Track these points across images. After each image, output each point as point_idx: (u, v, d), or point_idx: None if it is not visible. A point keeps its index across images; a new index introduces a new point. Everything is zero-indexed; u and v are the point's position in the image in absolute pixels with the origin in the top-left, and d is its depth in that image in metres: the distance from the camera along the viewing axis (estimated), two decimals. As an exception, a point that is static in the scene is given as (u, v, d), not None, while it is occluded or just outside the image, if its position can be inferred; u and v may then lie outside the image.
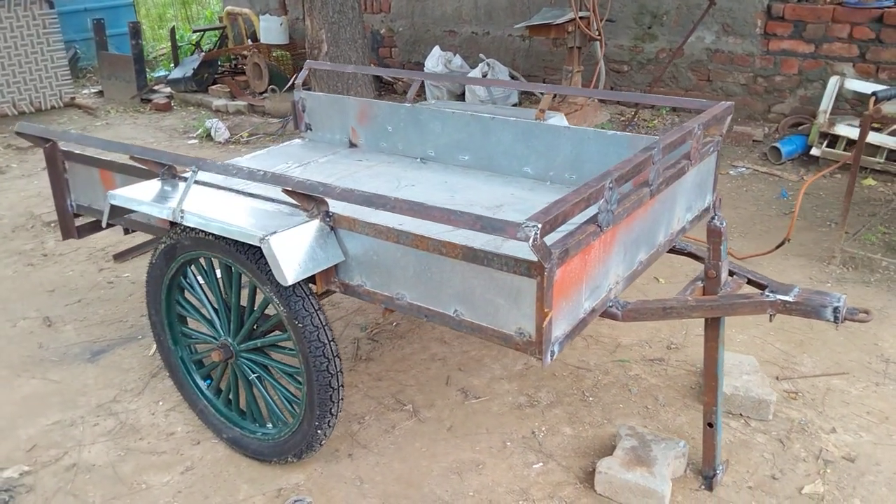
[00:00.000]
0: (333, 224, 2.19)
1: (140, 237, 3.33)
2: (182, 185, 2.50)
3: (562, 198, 1.83)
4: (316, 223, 2.17)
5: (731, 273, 2.36)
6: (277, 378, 2.53)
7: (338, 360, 2.30)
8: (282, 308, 2.25)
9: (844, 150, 5.34)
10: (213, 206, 2.29)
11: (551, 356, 1.91)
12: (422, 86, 7.84)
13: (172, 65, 8.94)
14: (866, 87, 5.25)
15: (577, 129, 3.13)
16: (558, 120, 3.45)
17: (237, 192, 2.48)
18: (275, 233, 2.06)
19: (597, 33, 5.85)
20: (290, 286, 2.23)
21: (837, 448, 2.67)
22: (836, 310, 2.05)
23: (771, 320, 2.21)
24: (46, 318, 3.74)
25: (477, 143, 3.42)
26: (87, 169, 2.92)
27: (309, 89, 7.46)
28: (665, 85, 6.45)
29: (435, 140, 3.56)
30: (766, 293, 2.15)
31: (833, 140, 5.40)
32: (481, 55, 7.14)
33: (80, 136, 2.66)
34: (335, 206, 2.19)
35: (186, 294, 2.66)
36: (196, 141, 7.01)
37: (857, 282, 3.87)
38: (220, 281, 2.50)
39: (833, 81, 5.31)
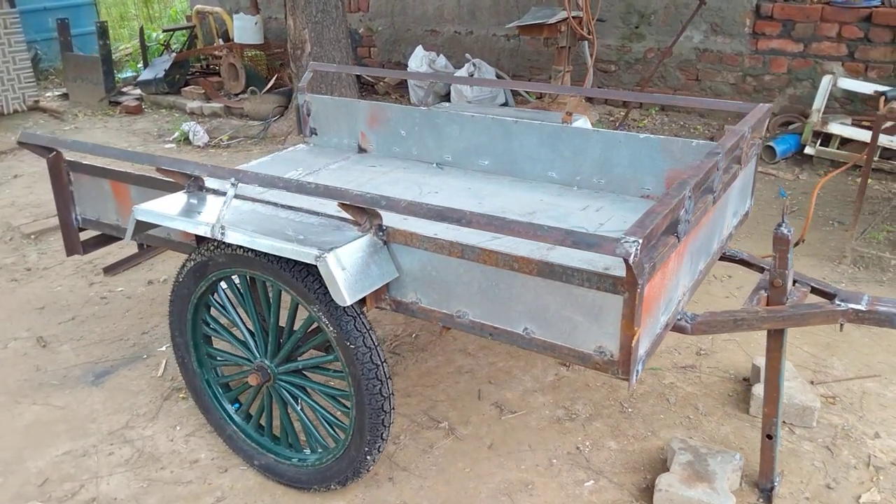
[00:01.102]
0: (387, 238, 2.06)
1: (129, 248, 3.14)
2: (212, 198, 2.34)
3: (651, 210, 1.73)
4: (369, 238, 2.04)
5: (793, 282, 2.30)
6: (318, 401, 2.38)
7: (390, 383, 2.17)
8: (331, 328, 2.11)
9: (838, 148, 5.38)
10: (250, 221, 2.14)
11: (635, 376, 1.81)
12: (402, 85, 7.72)
13: (141, 65, 8.62)
14: (859, 86, 5.30)
15: (606, 133, 3.04)
16: (583, 123, 3.37)
17: (270, 203, 2.32)
18: (332, 250, 1.92)
19: (588, 33, 5.79)
20: (339, 305, 2.09)
21: (885, 454, 2.63)
22: (911, 318, 1.99)
23: (841, 329, 2.15)
24: (40, 337, 3.51)
25: (498, 147, 3.31)
26: (96, 181, 2.72)
27: (288, 89, 7.25)
28: (654, 85, 6.43)
29: (453, 145, 3.44)
30: (838, 302, 2.09)
31: (826, 138, 5.44)
32: (467, 55, 7.04)
33: (95, 146, 2.47)
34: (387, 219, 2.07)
35: (215, 314, 2.49)
36: (173, 145, 6.74)
37: (870, 281, 3.88)
38: (256, 299, 2.35)
39: (826, 80, 5.34)
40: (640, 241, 1.57)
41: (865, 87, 5.27)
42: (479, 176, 3.33)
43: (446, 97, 7.24)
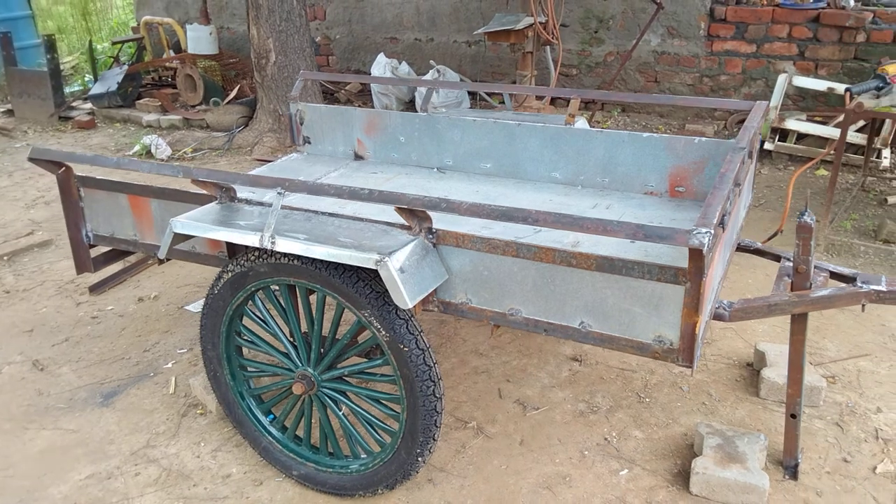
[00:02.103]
0: (436, 241, 2.10)
1: (113, 265, 3.06)
2: (247, 208, 2.33)
3: (708, 202, 1.82)
4: (420, 241, 2.07)
5: (811, 267, 2.43)
6: (363, 406, 2.39)
7: (442, 384, 2.20)
8: (383, 332, 2.13)
9: (795, 143, 5.66)
10: (297, 229, 2.14)
11: (696, 362, 1.90)
12: (364, 93, 7.73)
13: (89, 79, 8.37)
14: (814, 83, 5.59)
15: (610, 133, 3.14)
16: (582, 124, 3.46)
17: (305, 210, 2.32)
18: (391, 254, 1.95)
19: (554, 38, 5.93)
20: (391, 309, 2.11)
21: (889, 426, 2.80)
22: (929, 296, 2.15)
23: (863, 310, 2.29)
24: (35, 361, 3.39)
25: (501, 150, 3.38)
26: (110, 195, 2.66)
27: (251, 99, 7.12)
28: (615, 87, 6.62)
29: (454, 149, 3.49)
30: (859, 284, 2.23)
31: (783, 134, 5.71)
32: (431, 62, 7.09)
33: (121, 160, 2.42)
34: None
35: (250, 325, 2.47)
36: (134, 159, 6.57)
37: (843, 266, 4.10)
38: (296, 308, 2.34)
39: (782, 79, 5.61)
40: (712, 231, 1.65)
41: (819, 85, 5.56)
42: (482, 179, 3.39)
43: (410, 104, 7.28)
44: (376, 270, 2.04)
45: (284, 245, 2.06)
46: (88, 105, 7.90)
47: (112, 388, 3.18)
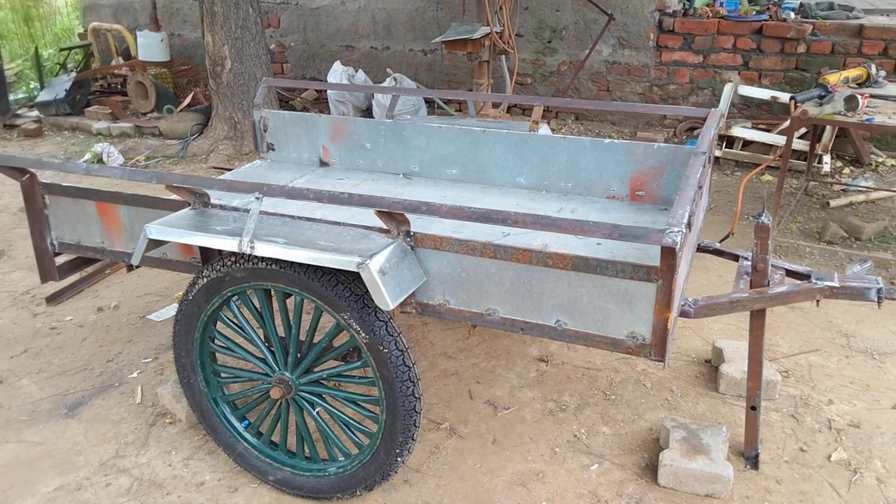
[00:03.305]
0: (414, 243, 2.14)
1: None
2: (222, 213, 2.33)
3: (678, 203, 1.91)
4: (399, 243, 2.11)
5: (768, 265, 2.55)
6: (341, 409, 2.42)
7: (420, 384, 2.24)
8: (363, 334, 2.16)
9: (741, 150, 5.88)
10: (275, 233, 2.16)
11: (668, 356, 1.98)
12: (320, 101, 7.72)
13: (34, 86, 8.15)
14: (758, 92, 5.82)
15: (573, 139, 3.24)
16: (545, 131, 3.55)
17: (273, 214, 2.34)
18: (372, 256, 1.98)
19: (510, 47, 6.05)
20: (371, 311, 2.15)
21: (841, 417, 2.95)
22: (879, 291, 2.29)
23: (818, 305, 2.42)
24: (-7, 373, 3.30)
25: (466, 156, 3.44)
26: (77, 202, 2.63)
27: (205, 107, 7.03)
28: (569, 96, 6.77)
29: (420, 155, 3.54)
30: (814, 280, 2.36)
31: (730, 141, 5.93)
32: (388, 70, 7.14)
33: (91, 166, 2.39)
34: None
35: (225, 330, 2.47)
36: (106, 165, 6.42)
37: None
38: (270, 311, 2.36)
39: (728, 88, 5.83)
40: (684, 231, 1.74)
41: (763, 94, 5.79)
42: (448, 185, 3.45)
43: (367, 111, 7.31)
44: (356, 273, 2.07)
45: (264, 249, 2.08)
46: (35, 113, 7.70)
47: (76, 398, 3.12)
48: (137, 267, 2.56)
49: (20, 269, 4.38)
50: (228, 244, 2.11)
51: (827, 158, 5.64)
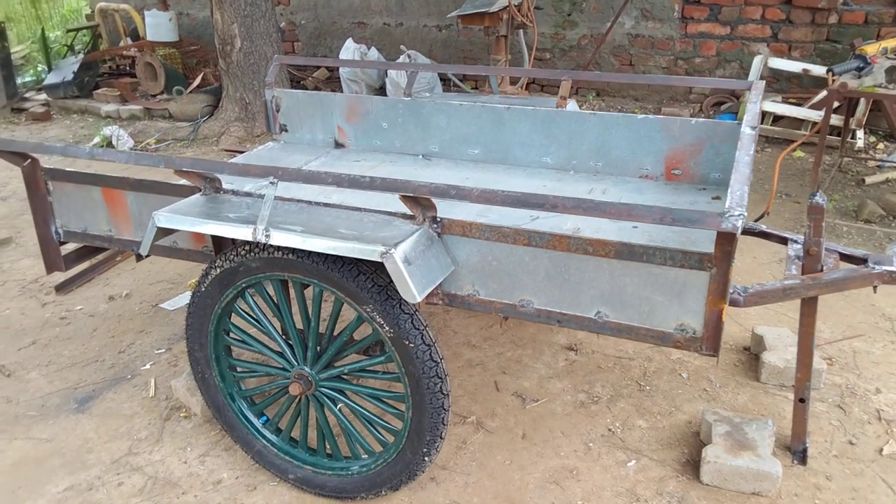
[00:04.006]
0: (441, 230, 1.98)
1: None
2: (235, 199, 2.18)
3: (735, 183, 1.75)
4: (424, 230, 1.96)
5: (820, 249, 2.38)
6: (364, 405, 2.28)
7: (448, 380, 2.10)
8: (387, 328, 2.01)
9: (771, 125, 5.66)
10: (292, 220, 2.01)
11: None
12: (332, 80, 7.54)
13: (42, 69, 8.02)
14: (789, 65, 5.59)
15: (603, 115, 3.06)
16: (573, 107, 3.37)
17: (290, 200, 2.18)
18: (397, 245, 1.83)
19: (528, 20, 5.83)
20: (395, 303, 2.00)
21: (890, 407, 2.78)
22: (943, 276, 2.11)
23: (875, 291, 2.25)
24: (1, 366, 3.19)
25: (489, 135, 3.27)
26: (82, 189, 2.49)
27: (215, 87, 6.88)
28: (590, 70, 6.55)
29: (440, 135, 3.37)
30: (872, 265, 2.18)
31: (760, 116, 5.70)
32: (402, 47, 6.94)
33: (95, 150, 2.24)
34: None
35: (241, 323, 2.33)
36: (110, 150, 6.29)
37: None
38: (290, 304, 2.21)
39: (758, 60, 5.60)
40: (745, 214, 1.57)
41: (794, 66, 5.56)
42: (470, 166, 3.28)
43: (381, 90, 7.12)
44: (378, 263, 1.92)
45: (280, 238, 1.93)
46: (43, 96, 7.58)
47: (87, 392, 3.00)
48: (147, 256, 2.42)
49: (29, 257, 4.26)
50: (242, 233, 1.96)
51: (860, 134, 5.42)
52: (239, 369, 2.42)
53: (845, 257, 2.36)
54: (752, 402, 2.83)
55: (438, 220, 1.97)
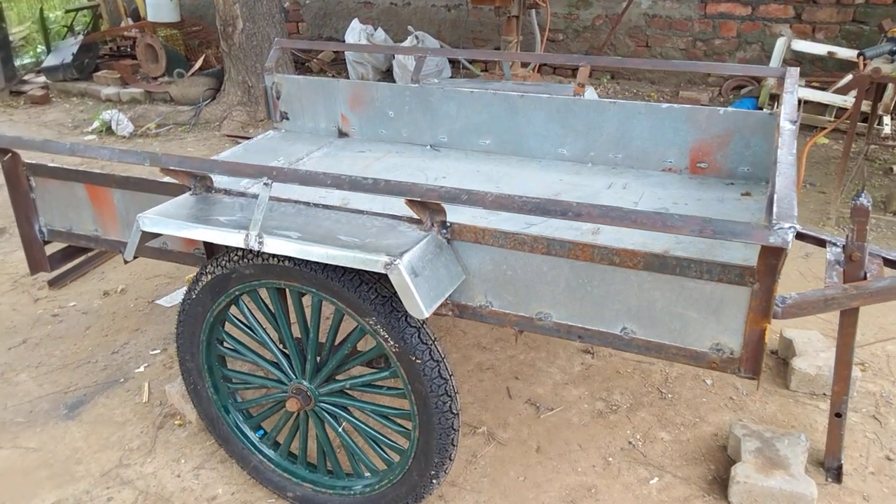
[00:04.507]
0: (451, 236, 1.81)
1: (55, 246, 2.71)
2: (227, 200, 2.01)
3: (782, 189, 1.56)
4: (433, 237, 1.78)
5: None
6: (367, 423, 2.12)
7: (458, 398, 1.93)
8: (392, 342, 1.84)
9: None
10: (287, 225, 1.83)
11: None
12: (338, 62, 7.34)
13: (41, 50, 7.83)
14: (813, 47, 5.34)
15: (624, 104, 2.86)
16: (591, 94, 3.18)
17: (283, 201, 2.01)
18: (402, 255, 1.65)
19: (541, 0, 5.61)
20: (401, 316, 1.83)
21: (930, 419, 2.61)
22: None
23: (925, 302, 2.06)
24: (-11, 367, 3.05)
25: (502, 124, 3.08)
26: (66, 185, 2.32)
27: (217, 70, 6.68)
28: (604, 53, 6.32)
29: (449, 124, 3.18)
30: (923, 273, 1.99)
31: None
32: (410, 27, 6.71)
33: (76, 145, 2.07)
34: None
35: (234, 332, 2.16)
36: (94, 137, 6.14)
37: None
38: (287, 314, 2.04)
39: (781, 42, 5.36)
40: (798, 226, 1.39)
41: (819, 49, 5.31)
42: (481, 157, 3.09)
43: (388, 73, 6.91)
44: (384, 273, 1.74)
45: (274, 245, 1.75)
46: (42, 78, 7.40)
47: (77, 397, 2.85)
48: (135, 258, 2.26)
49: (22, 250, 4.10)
50: (233, 239, 1.79)
51: (887, 120, 5.18)
52: (234, 380, 2.26)
53: (889, 262, 2.17)
54: (781, 412, 2.66)
55: (448, 224, 1.80)
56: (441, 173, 2.91)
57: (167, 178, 2.11)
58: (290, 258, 1.86)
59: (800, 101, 5.39)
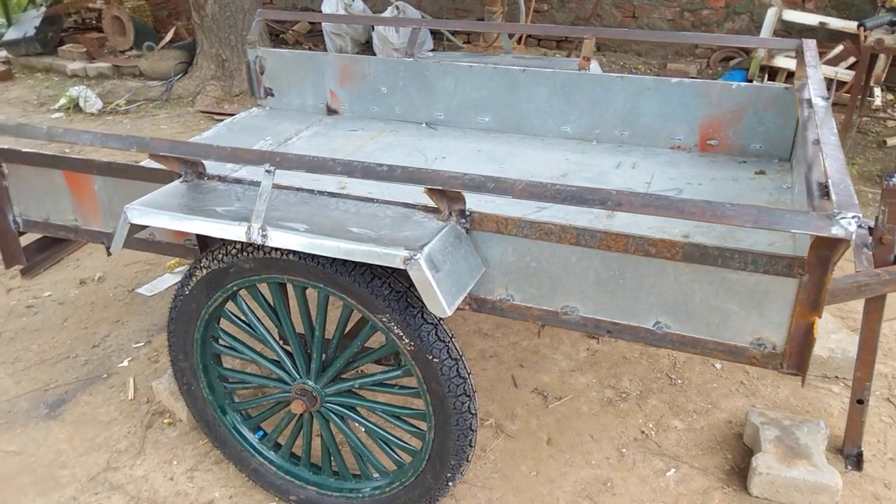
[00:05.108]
0: (471, 225, 1.68)
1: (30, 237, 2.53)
2: (221, 187, 1.85)
3: (835, 176, 1.45)
4: (451, 227, 1.65)
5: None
6: (378, 423, 1.99)
7: (476, 397, 1.81)
8: (407, 340, 1.71)
9: (785, 81, 5.35)
10: (291, 216, 1.69)
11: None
12: (315, 34, 7.09)
13: (2, 22, 7.46)
14: (805, 17, 5.25)
15: (632, 79, 2.74)
16: (596, 68, 3.05)
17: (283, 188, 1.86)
18: (423, 248, 1.52)
19: (527, -30, 5.44)
20: (417, 312, 1.70)
21: (944, 400, 2.56)
22: None
23: (956, 286, 1.98)
24: (-39, 365, 2.87)
25: (502, 101, 2.94)
26: (43, 172, 2.14)
27: (189, 43, 6.40)
28: (590, 24, 6.16)
29: (446, 101, 3.03)
30: (956, 257, 1.91)
31: (772, 73, 5.40)
32: (389, -2, 6.49)
33: (54, 130, 1.88)
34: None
35: (232, 330, 2.02)
36: (61, 114, 5.86)
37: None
38: (288, 310, 1.90)
39: (772, 12, 5.25)
40: (860, 215, 1.28)
41: (810, 19, 5.22)
42: (481, 136, 2.95)
43: (367, 45, 6.69)
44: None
45: (280, 239, 1.61)
46: (3, 53, 7.05)
47: (58, 395, 2.69)
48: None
49: (-9, 235, 3.88)
50: (234, 232, 1.64)
51: (878, 91, 5.14)
52: (230, 379, 2.11)
53: (919, 245, 2.08)
54: (794, 396, 2.59)
55: (468, 213, 1.66)
56: (440, 153, 2.77)
57: (146, 162, 1.94)
58: (294, 252, 1.71)
59: (791, 73, 5.32)
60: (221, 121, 5.39)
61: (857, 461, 2.28)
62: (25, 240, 2.37)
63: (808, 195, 1.69)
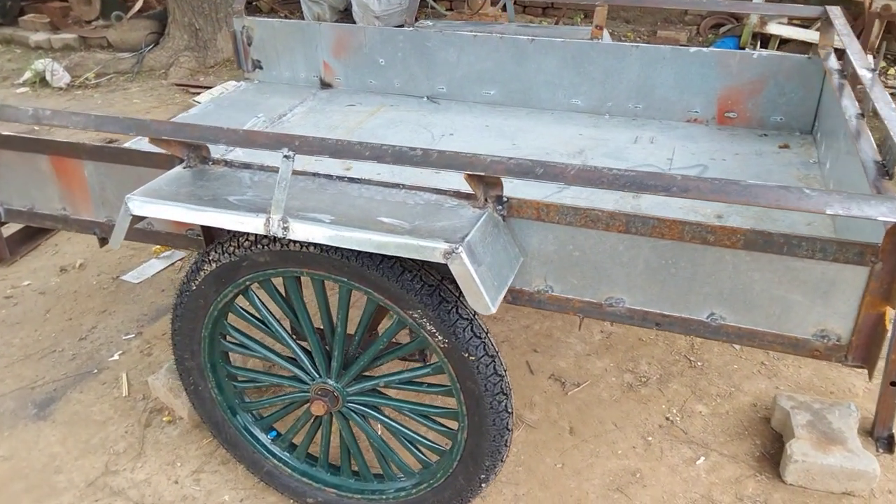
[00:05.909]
0: (508, 212, 1.55)
1: (12, 227, 2.34)
2: (229, 173, 1.70)
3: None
4: (489, 215, 1.52)
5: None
6: (406, 423, 1.88)
7: (512, 395, 1.70)
8: (440, 337, 1.59)
9: (777, 49, 5.26)
10: (312, 205, 1.54)
11: (869, 361, 1.46)
12: (291, 2, 6.82)
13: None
14: (799, -18, 5.14)
15: (648, 48, 2.61)
16: (606, 38, 2.90)
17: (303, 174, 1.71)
18: (463, 240, 1.39)
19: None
20: (451, 307, 1.57)
21: (966, 377, 2.51)
22: None
23: None
24: (-62, 363, 2.68)
25: (508, 72, 2.80)
26: (25, 157, 1.95)
27: (159, 12, 6.07)
28: (576, -11, 6.00)
29: (449, 73, 2.88)
30: None
31: (765, 40, 5.30)
32: (370, -37, 6.22)
33: (41, 112, 1.70)
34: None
35: (241, 326, 1.88)
36: (26, 89, 5.56)
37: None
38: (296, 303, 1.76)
39: (766, -22, 5.14)
40: (955, 202, 1.18)
41: (803, -16, 5.12)
42: (486, 110, 2.81)
43: (346, 13, 6.45)
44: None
45: (304, 231, 1.46)
46: (-42, 23, 6.66)
47: (47, 392, 2.53)
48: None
49: (-40, 221, 3.66)
50: (252, 224, 1.49)
51: (870, 58, 5.06)
52: (241, 378, 1.97)
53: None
54: (816, 376, 2.53)
55: (505, 199, 1.53)
56: (447, 129, 2.62)
57: (129, 144, 1.77)
58: (315, 244, 1.57)
59: (783, 40, 5.23)
60: (197, 94, 5.18)
61: (888, 444, 2.22)
62: (7, 230, 2.18)
63: (865, 174, 1.59)
